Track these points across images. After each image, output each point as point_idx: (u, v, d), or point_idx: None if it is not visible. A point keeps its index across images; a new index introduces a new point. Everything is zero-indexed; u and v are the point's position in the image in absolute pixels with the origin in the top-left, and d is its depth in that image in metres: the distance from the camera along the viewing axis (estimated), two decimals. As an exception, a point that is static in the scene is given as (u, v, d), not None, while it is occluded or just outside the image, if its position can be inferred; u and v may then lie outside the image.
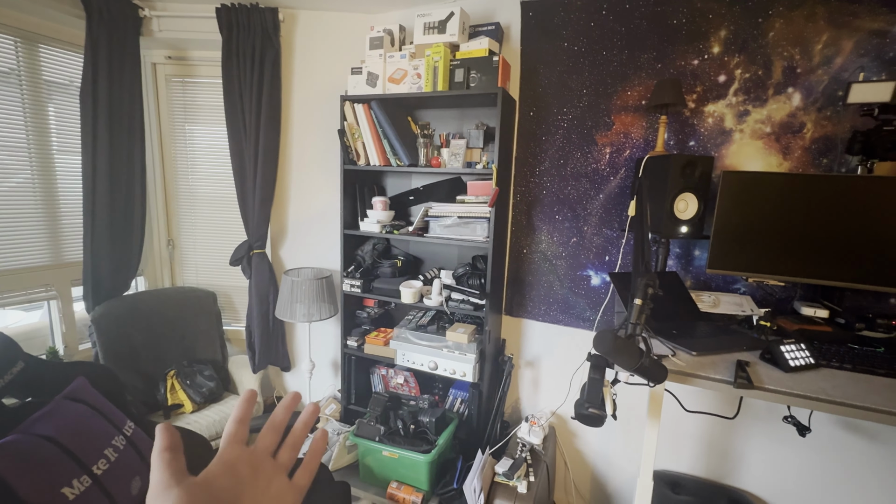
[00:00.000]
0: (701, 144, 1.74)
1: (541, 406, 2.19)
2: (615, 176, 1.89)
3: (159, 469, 0.32)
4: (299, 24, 2.26)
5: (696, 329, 1.44)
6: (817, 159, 1.59)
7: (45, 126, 2.05)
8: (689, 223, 1.57)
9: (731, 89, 1.67)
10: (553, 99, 1.95)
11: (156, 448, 0.33)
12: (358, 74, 1.97)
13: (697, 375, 1.16)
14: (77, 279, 2.17)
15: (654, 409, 1.30)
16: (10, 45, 1.89)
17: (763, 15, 1.60)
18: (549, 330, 2.12)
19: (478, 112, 2.03)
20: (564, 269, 2.03)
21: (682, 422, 1.90)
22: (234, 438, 0.35)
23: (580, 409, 1.13)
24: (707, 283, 1.80)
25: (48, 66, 2.04)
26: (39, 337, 2.18)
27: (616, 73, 1.83)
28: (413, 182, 2.22)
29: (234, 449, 0.35)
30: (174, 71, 2.42)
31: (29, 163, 2.01)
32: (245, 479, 0.33)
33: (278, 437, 0.38)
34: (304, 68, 2.31)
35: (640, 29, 1.76)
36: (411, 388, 2.26)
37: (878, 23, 1.47)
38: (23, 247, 2.01)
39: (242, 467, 0.34)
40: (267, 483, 0.34)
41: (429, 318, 2.12)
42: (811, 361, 1.19)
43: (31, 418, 1.19)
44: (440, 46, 1.79)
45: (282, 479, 0.35)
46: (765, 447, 1.81)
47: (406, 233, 2.00)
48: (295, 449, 0.38)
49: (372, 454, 1.88)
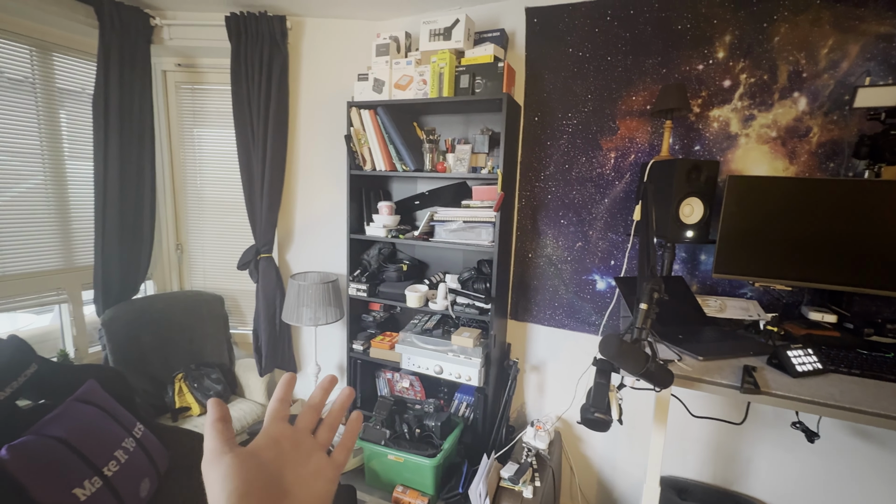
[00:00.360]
0: (706, 149, 1.74)
1: (546, 410, 2.19)
2: (620, 180, 1.89)
3: (212, 437, 0.34)
4: (306, 31, 2.29)
5: (702, 334, 1.44)
6: (824, 163, 1.59)
7: (58, 132, 2.09)
8: (694, 227, 1.57)
9: (736, 94, 1.67)
10: (558, 104, 1.96)
11: (208, 419, 0.35)
12: (364, 81, 1.99)
13: (704, 380, 1.16)
14: (88, 283, 2.20)
15: (660, 414, 1.29)
16: (26, 53, 1.94)
17: (768, 20, 1.60)
18: (555, 334, 2.12)
19: (483, 117, 2.04)
20: (570, 274, 2.03)
21: (688, 427, 1.88)
22: (277, 416, 0.37)
23: (586, 414, 1.13)
24: (713, 288, 1.79)
25: (61, 73, 2.08)
26: (50, 340, 2.21)
27: (621, 78, 1.83)
28: (419, 187, 2.23)
29: (277, 425, 0.37)
30: (184, 78, 2.46)
31: (42, 168, 2.04)
32: (287, 453, 0.35)
33: (317, 417, 0.40)
34: (312, 75, 2.34)
35: (644, 34, 1.77)
36: (417, 392, 2.26)
37: (885, 27, 1.47)
38: (36, 251, 2.05)
39: (285, 442, 0.36)
40: (307, 457, 0.36)
41: (434, 322, 2.13)
42: (819, 367, 1.19)
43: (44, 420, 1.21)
44: (446, 53, 1.81)
45: (321, 455, 0.37)
46: (773, 453, 1.79)
47: (412, 237, 2.02)
48: (332, 429, 0.40)
49: (377, 458, 1.89)
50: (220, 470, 0.32)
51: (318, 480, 0.36)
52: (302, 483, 0.35)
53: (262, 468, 0.33)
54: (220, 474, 0.32)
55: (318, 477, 0.36)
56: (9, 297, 1.95)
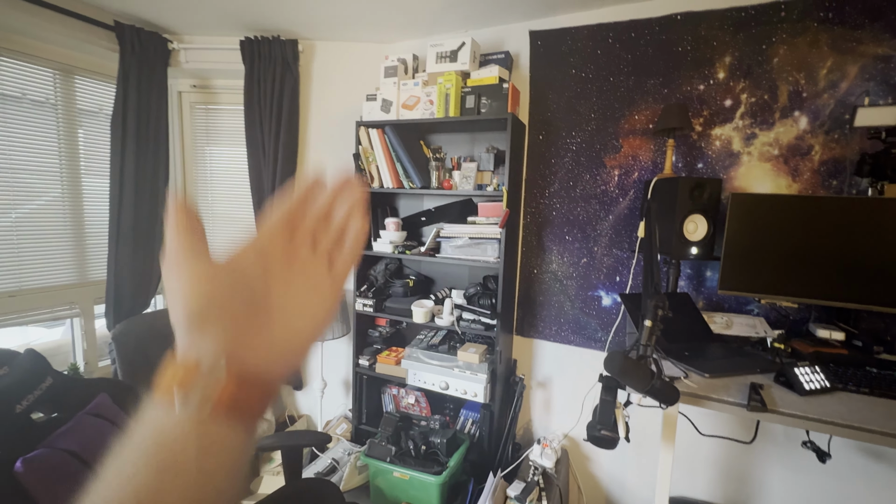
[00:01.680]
0: (709, 166, 1.76)
1: (553, 428, 2.17)
2: (624, 197, 1.91)
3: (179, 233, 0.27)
4: (317, 54, 2.37)
5: (708, 351, 1.44)
6: (827, 181, 1.60)
7: (76, 150, 2.17)
8: (699, 244, 1.58)
9: (737, 113, 1.70)
10: (562, 123, 2.00)
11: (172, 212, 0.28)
12: (373, 101, 2.05)
13: (710, 398, 1.16)
14: (100, 297, 2.24)
15: (668, 432, 1.28)
16: (49, 77, 2.02)
17: (767, 42, 1.64)
18: (561, 350, 2.12)
19: (488, 136, 2.09)
20: (575, 290, 2.04)
21: (697, 446, 1.86)
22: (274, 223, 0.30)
23: (592, 431, 1.13)
24: (719, 305, 1.79)
25: (81, 94, 2.16)
26: (61, 353, 2.24)
27: (623, 97, 1.87)
28: (425, 204, 2.27)
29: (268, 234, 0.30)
30: (198, 98, 2.54)
31: (60, 186, 2.11)
32: (277, 266, 0.29)
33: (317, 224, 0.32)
34: (322, 95, 2.41)
35: (645, 56, 1.82)
36: (422, 409, 2.25)
37: (882, 48, 1.50)
38: (51, 266, 2.10)
39: (276, 253, 0.29)
40: (302, 271, 0.30)
41: (440, 337, 2.14)
42: (827, 385, 1.18)
43: (57, 433, 1.23)
44: (452, 74, 1.86)
45: (320, 267, 0.31)
46: (784, 473, 1.76)
47: (418, 253, 2.04)
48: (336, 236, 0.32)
49: (383, 475, 1.88)
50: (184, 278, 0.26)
51: (314, 297, 0.30)
52: (292, 301, 0.29)
53: (239, 281, 0.27)
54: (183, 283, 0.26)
55: (313, 293, 0.30)
56: (24, 312, 2.00)
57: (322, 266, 0.31)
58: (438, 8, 1.91)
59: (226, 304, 0.26)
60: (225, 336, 0.26)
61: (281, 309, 0.28)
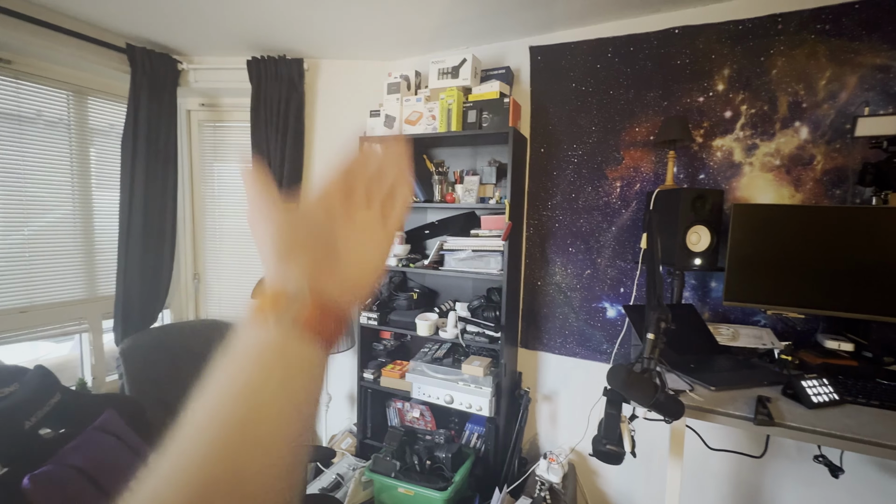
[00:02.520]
0: (711, 177, 1.76)
1: (559, 442, 2.14)
2: (627, 209, 1.92)
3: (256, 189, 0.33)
4: (322, 71, 2.42)
5: (714, 363, 1.42)
6: (830, 190, 1.60)
7: (87, 168, 2.22)
8: (702, 255, 1.58)
9: (737, 124, 1.71)
10: (563, 136, 2.02)
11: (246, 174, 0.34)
12: (376, 117, 2.09)
13: (716, 411, 1.15)
14: (108, 312, 2.27)
15: (675, 446, 1.27)
16: (63, 98, 2.08)
17: (765, 54, 1.65)
18: (566, 363, 2.10)
19: (490, 149, 2.11)
20: (579, 302, 2.04)
21: (706, 460, 1.83)
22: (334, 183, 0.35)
23: (598, 446, 1.12)
24: (725, 316, 1.77)
25: (94, 114, 2.22)
26: (69, 369, 2.26)
27: (623, 110, 1.89)
28: (428, 217, 2.29)
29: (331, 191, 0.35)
30: (206, 116, 2.60)
31: (72, 203, 2.15)
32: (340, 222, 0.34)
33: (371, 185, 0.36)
34: (326, 111, 2.45)
35: (645, 69, 1.84)
36: (427, 423, 2.24)
37: (881, 59, 1.51)
38: (61, 282, 2.13)
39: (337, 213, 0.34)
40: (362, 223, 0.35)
41: (444, 350, 2.13)
42: (835, 397, 1.16)
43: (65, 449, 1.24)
44: (454, 90, 1.89)
45: (375, 222, 0.36)
46: (796, 489, 1.72)
47: (422, 266, 2.05)
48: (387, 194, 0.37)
49: (387, 491, 1.86)
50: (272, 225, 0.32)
51: (372, 245, 0.35)
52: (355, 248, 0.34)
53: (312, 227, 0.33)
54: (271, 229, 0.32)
55: (371, 242, 0.35)
56: (35, 327, 2.02)
57: (377, 221, 0.36)
58: (440, 25, 1.95)
59: (306, 244, 0.32)
60: (307, 269, 0.31)
61: (347, 253, 0.34)
